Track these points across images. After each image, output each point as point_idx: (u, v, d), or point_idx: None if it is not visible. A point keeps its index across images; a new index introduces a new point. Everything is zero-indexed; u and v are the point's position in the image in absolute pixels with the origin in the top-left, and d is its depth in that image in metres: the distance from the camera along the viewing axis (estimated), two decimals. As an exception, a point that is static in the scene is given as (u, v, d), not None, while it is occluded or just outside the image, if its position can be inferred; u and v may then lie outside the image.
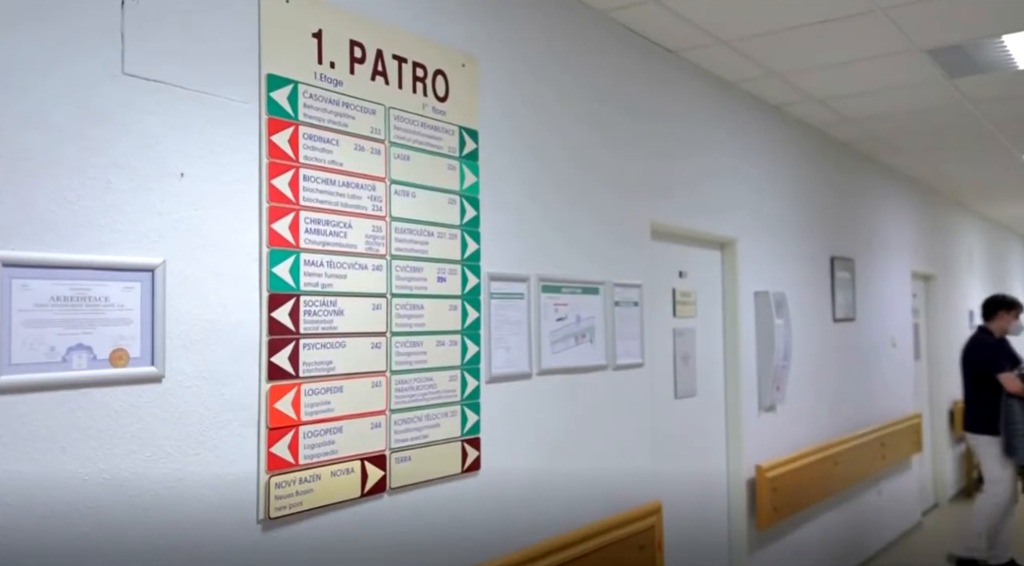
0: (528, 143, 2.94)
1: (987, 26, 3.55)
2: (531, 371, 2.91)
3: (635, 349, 3.48)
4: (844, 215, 5.78)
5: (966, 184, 7.60)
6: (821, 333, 5.29)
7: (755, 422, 4.43)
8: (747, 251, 4.44)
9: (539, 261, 2.97)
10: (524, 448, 2.86)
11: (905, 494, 6.64)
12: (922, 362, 7.51)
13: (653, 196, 3.65)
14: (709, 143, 4.14)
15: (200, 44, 1.91)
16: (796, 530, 4.80)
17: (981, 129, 5.42)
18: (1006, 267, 10.74)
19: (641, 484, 3.45)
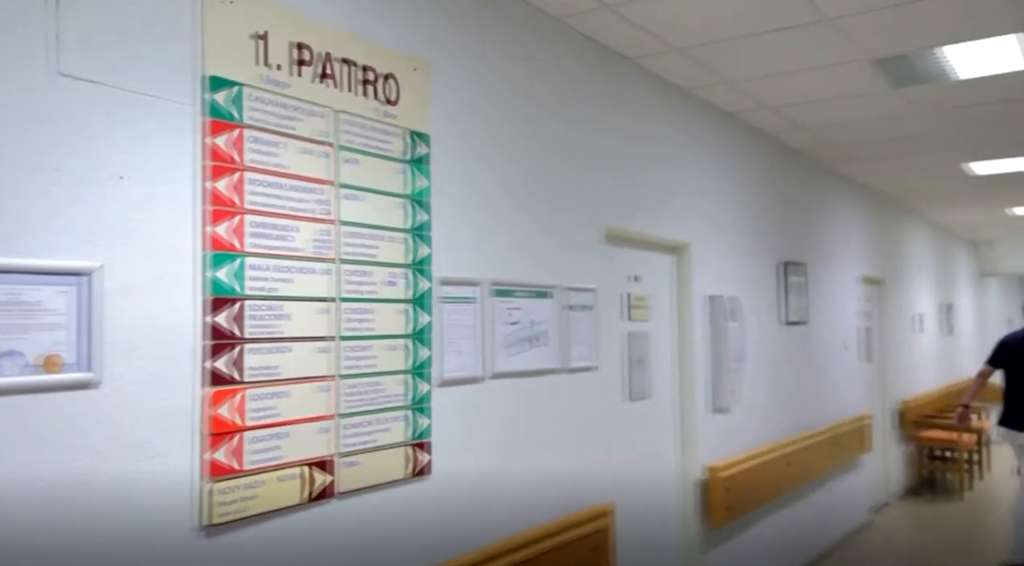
0: (481, 147, 2.94)
1: (927, 38, 3.64)
2: (483, 375, 2.92)
3: (588, 352, 3.50)
4: (797, 221, 5.87)
5: (914, 191, 7.77)
6: (773, 336, 5.37)
7: (708, 423, 4.48)
8: (701, 256, 4.49)
9: (491, 265, 2.98)
10: (476, 451, 2.87)
11: (855, 493, 6.77)
12: (872, 364, 7.66)
13: (607, 201, 3.68)
14: (664, 149, 4.18)
15: (139, 45, 1.88)
16: (749, 529, 4.87)
17: (927, 138, 5.55)
18: (953, 271, 11.00)
19: (594, 486, 3.47)
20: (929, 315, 9.54)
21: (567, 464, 3.33)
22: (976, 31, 3.57)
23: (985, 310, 12.85)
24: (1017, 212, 9.16)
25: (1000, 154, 6.10)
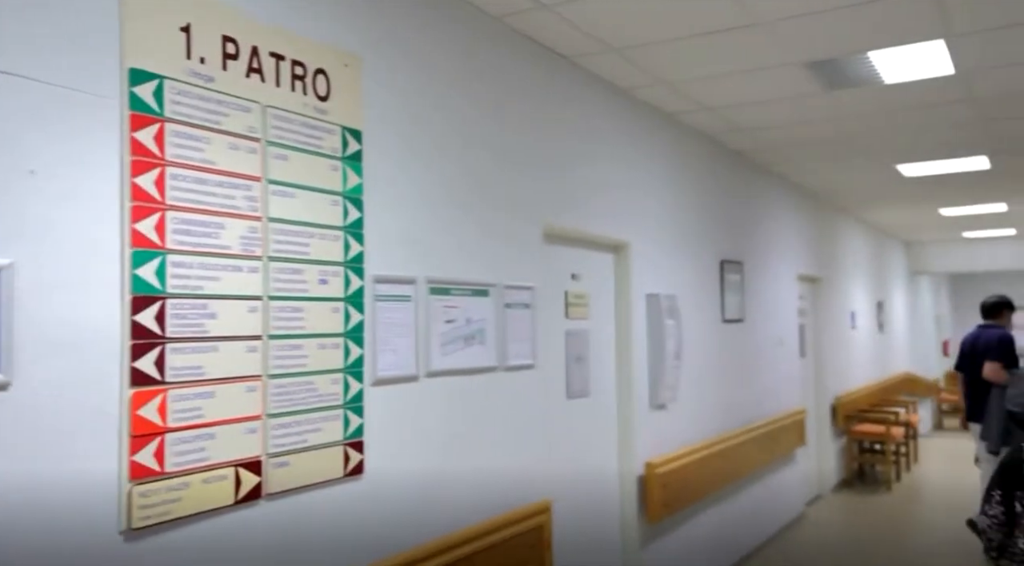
0: (416, 145, 2.92)
1: (855, 42, 3.74)
2: (419, 373, 2.90)
3: (526, 350, 3.51)
4: (735, 220, 5.97)
5: (849, 191, 7.97)
6: (711, 333, 5.46)
7: (646, 420, 4.53)
8: (640, 254, 4.54)
9: (427, 263, 2.97)
10: (411, 450, 2.85)
11: (790, 486, 6.92)
12: (808, 360, 7.84)
13: (546, 200, 3.69)
14: (603, 148, 4.21)
15: (56, 35, 1.82)
16: (687, 523, 4.94)
17: (859, 140, 5.69)
18: (886, 270, 11.32)
19: (531, 483, 3.48)
20: (863, 312, 9.80)
21: (505, 462, 3.33)
22: (902, 37, 3.67)
23: (916, 308, 13.25)
24: (946, 213, 9.46)
25: (929, 157, 6.29)
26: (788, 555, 6.03)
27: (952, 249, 12.71)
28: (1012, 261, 12.35)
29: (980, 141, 5.75)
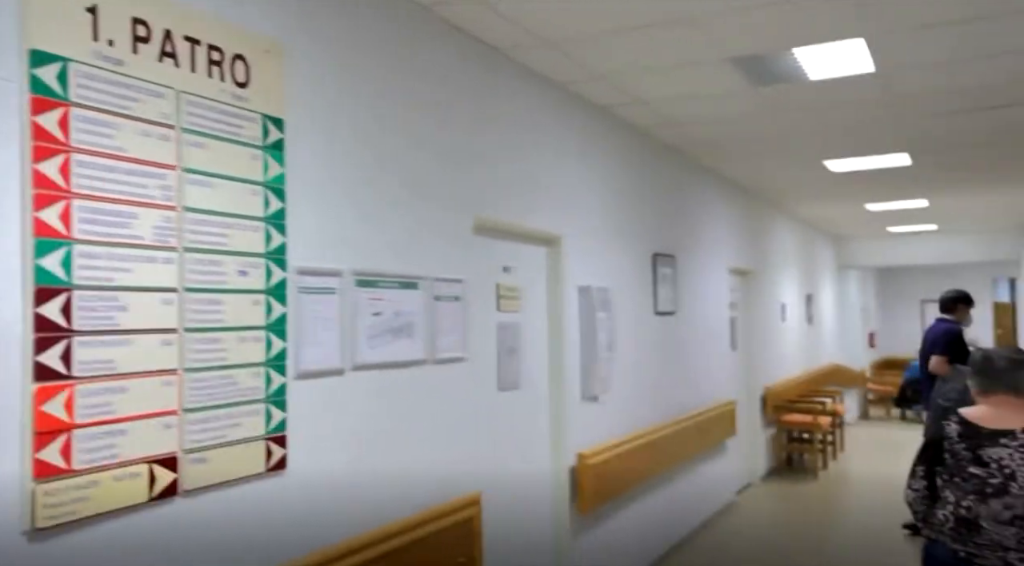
0: (343, 135, 2.88)
1: (780, 39, 3.81)
2: (345, 367, 2.87)
3: (456, 343, 3.49)
4: (667, 214, 6.05)
5: (779, 186, 8.14)
6: (644, 326, 5.52)
7: (578, 412, 4.56)
8: (573, 247, 4.56)
9: (354, 255, 2.93)
10: (337, 444, 2.81)
11: (721, 475, 7.06)
12: (738, 352, 7.99)
13: (477, 192, 3.68)
14: (536, 142, 4.21)
15: (-48, 14, 1.74)
16: (619, 513, 5.00)
17: (787, 136, 5.81)
18: (815, 264, 11.61)
19: (461, 476, 3.47)
20: (792, 305, 10.03)
21: (434, 455, 3.31)
22: (824, 34, 3.75)
23: (844, 301, 13.63)
24: (872, 208, 9.74)
25: (854, 153, 6.46)
26: (718, 542, 6.15)
27: (878, 244, 13.11)
28: (934, 256, 12.79)
29: (901, 138, 5.93)
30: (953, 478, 2.71)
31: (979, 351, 2.91)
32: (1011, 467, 2.59)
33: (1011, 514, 2.56)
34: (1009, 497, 2.57)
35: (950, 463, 2.73)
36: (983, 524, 2.61)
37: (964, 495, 2.66)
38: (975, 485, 2.64)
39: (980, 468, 2.65)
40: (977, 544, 2.61)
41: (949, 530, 2.69)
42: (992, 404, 2.76)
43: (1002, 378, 2.75)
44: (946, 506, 2.72)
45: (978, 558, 2.61)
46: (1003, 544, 2.57)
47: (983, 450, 2.65)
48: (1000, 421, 2.68)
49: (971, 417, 2.74)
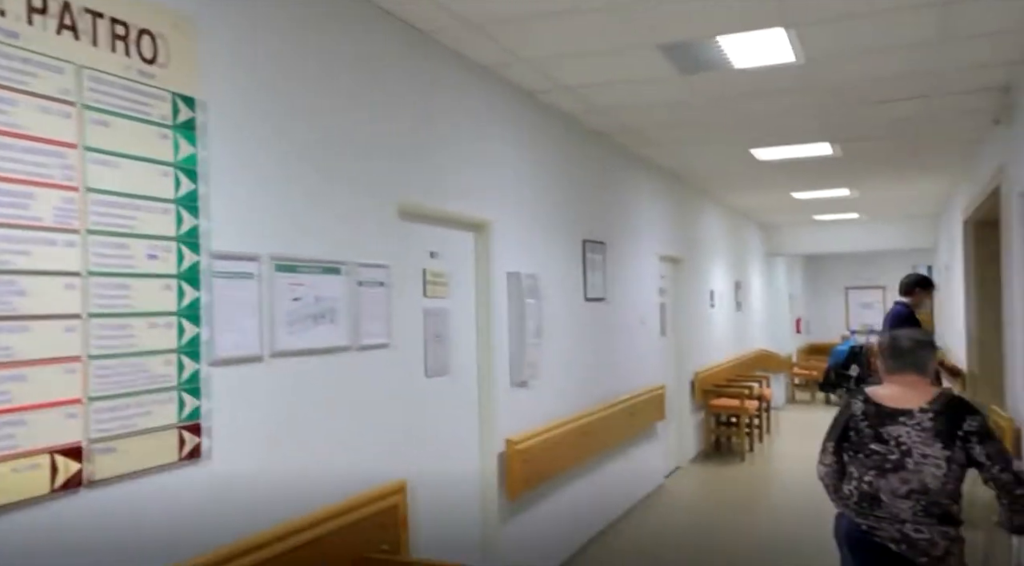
0: (261, 115, 2.81)
1: (704, 27, 3.85)
2: (263, 353, 2.81)
3: (381, 329, 3.45)
4: (597, 200, 6.09)
5: (708, 174, 8.27)
6: (574, 312, 5.55)
7: (507, 398, 4.56)
8: (501, 233, 4.55)
9: (272, 240, 2.86)
10: (257, 432, 2.76)
11: (651, 459, 7.17)
12: (668, 338, 8.11)
13: (401, 177, 3.64)
14: (462, 126, 4.18)
15: None
16: (549, 497, 5.03)
17: (714, 124, 5.90)
18: (745, 251, 11.86)
19: (386, 463, 3.44)
20: (722, 292, 10.23)
21: (358, 442, 3.28)
22: (747, 23, 3.81)
23: (772, 287, 13.95)
24: (798, 197, 9.97)
25: (779, 142, 6.59)
26: (646, 524, 6.25)
27: (805, 232, 13.44)
28: (857, 243, 13.18)
29: (824, 128, 6.07)
30: (857, 454, 2.84)
31: (887, 334, 3.04)
32: (908, 444, 2.73)
33: (907, 488, 2.70)
34: (906, 472, 2.71)
35: (855, 440, 2.86)
36: (883, 498, 2.74)
37: (866, 471, 2.80)
38: (876, 461, 2.78)
39: (880, 445, 2.78)
40: (877, 517, 2.75)
41: (854, 504, 2.83)
42: (898, 383, 2.88)
43: (907, 358, 2.88)
44: (851, 481, 2.85)
45: (878, 530, 2.74)
46: (900, 517, 2.70)
47: (884, 428, 2.79)
48: (902, 400, 2.81)
49: (876, 396, 2.87)
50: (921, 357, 2.87)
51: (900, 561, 2.68)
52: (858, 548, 2.79)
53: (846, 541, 2.85)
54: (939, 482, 2.68)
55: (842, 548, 2.90)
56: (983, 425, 2.72)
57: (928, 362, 2.88)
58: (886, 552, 2.70)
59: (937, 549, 2.65)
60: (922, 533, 2.67)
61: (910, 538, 2.67)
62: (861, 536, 2.77)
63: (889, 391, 2.88)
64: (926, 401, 2.78)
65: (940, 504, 2.68)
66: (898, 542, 2.69)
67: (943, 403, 2.76)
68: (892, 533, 2.71)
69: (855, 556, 2.82)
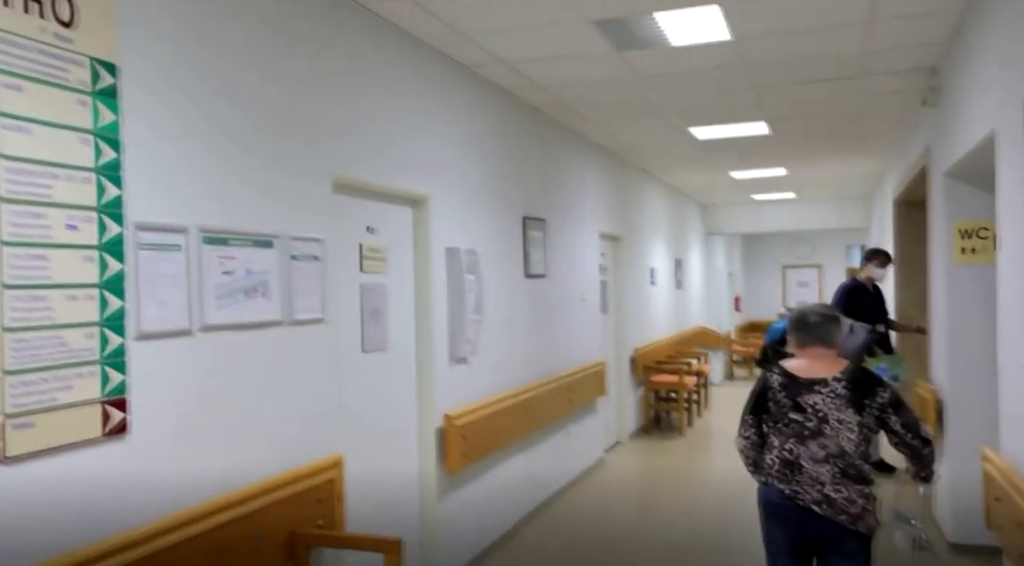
0: (187, 84, 2.74)
1: (640, 3, 3.87)
2: (192, 327, 2.76)
3: (315, 304, 3.42)
4: (537, 177, 6.10)
5: (648, 153, 8.35)
6: (514, 288, 5.57)
7: (446, 373, 4.57)
8: (440, 208, 4.53)
9: (201, 211, 2.81)
10: (187, 407, 2.72)
11: (591, 434, 7.26)
12: (609, 315, 8.21)
13: (335, 149, 3.59)
14: (399, 99, 4.14)
15: None
16: (488, 472, 5.06)
17: (651, 102, 5.95)
18: (685, 230, 12.02)
19: (322, 439, 3.42)
20: (662, 270, 10.37)
21: (292, 417, 3.25)
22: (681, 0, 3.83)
23: (711, 266, 14.19)
24: (736, 176, 10.14)
25: (716, 120, 6.68)
26: (585, 498, 6.35)
27: (743, 211, 13.68)
28: (793, 223, 13.47)
29: (759, 107, 6.17)
30: (777, 424, 2.96)
31: (795, 310, 3.16)
32: (824, 411, 2.86)
33: (825, 453, 2.85)
34: (824, 438, 2.85)
35: (774, 411, 2.97)
36: (803, 463, 2.87)
37: (787, 439, 2.92)
38: (795, 429, 2.91)
39: (799, 414, 2.90)
40: (799, 482, 2.87)
41: (776, 472, 2.94)
42: (808, 356, 3.01)
43: (814, 332, 3.00)
44: (772, 451, 2.98)
45: (800, 494, 2.86)
46: (819, 479, 2.84)
47: (801, 397, 2.91)
48: (814, 371, 2.94)
49: (791, 369, 3.00)
50: (827, 331, 2.99)
51: (822, 522, 2.82)
52: (782, 513, 2.91)
53: (771, 508, 2.96)
54: (853, 445, 2.83)
55: (765, 517, 3.01)
56: (895, 396, 2.88)
57: (834, 335, 3.01)
58: (810, 514, 2.83)
59: (855, 507, 2.80)
60: (841, 493, 2.81)
61: (831, 499, 2.81)
62: (784, 501, 2.89)
63: (801, 363, 3.00)
64: (838, 371, 2.91)
65: (855, 466, 2.83)
66: (820, 504, 2.82)
67: (853, 374, 2.91)
68: (814, 495, 2.83)
69: (780, 521, 2.93)
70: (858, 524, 2.80)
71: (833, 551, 2.86)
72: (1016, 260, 3.12)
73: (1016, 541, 2.91)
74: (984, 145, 3.68)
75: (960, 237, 4.85)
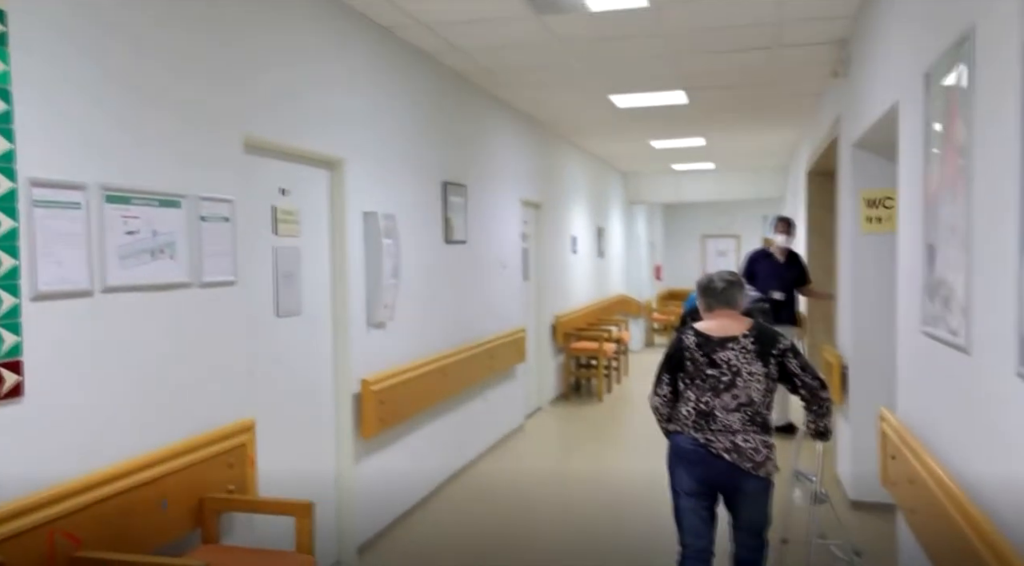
0: (86, 34, 2.61)
1: (561, -35, 3.86)
2: (94, 288, 2.66)
3: (226, 266, 3.34)
4: (458, 143, 6.05)
5: (569, 120, 8.37)
6: (432, 254, 5.54)
7: (363, 338, 4.53)
8: (356, 172, 4.46)
9: (102, 168, 2.69)
10: (88, 369, 2.63)
11: (511, 400, 7.33)
12: (530, 282, 8.26)
13: (246, 109, 3.49)
14: (313, 60, 4.04)
15: None
16: (406, 438, 5.07)
17: (572, 68, 5.95)
18: (607, 199, 12.14)
19: (233, 403, 3.36)
20: (584, 238, 10.46)
21: (203, 381, 3.18)
22: (600, -36, 3.83)
23: (632, 235, 14.39)
24: (656, 145, 10.26)
25: (635, 89, 6.74)
26: (504, 463, 6.42)
27: (663, 180, 13.89)
28: (713, 193, 13.75)
29: (677, 76, 6.24)
30: (695, 380, 3.23)
31: (702, 277, 3.45)
32: (737, 365, 3.17)
33: (737, 402, 3.15)
34: (736, 389, 3.15)
35: (690, 369, 3.25)
36: (717, 414, 3.16)
37: (703, 393, 3.20)
38: (712, 383, 3.19)
39: (715, 369, 3.19)
40: (713, 430, 3.16)
41: (692, 422, 3.21)
42: (717, 317, 3.32)
43: (720, 297, 3.32)
44: (688, 403, 3.24)
45: (714, 442, 3.15)
46: (732, 428, 3.14)
47: (716, 354, 3.20)
48: (725, 330, 3.24)
49: (703, 329, 3.28)
50: (731, 295, 3.31)
51: (730, 468, 3.12)
52: (694, 459, 3.17)
53: (683, 455, 3.20)
54: (760, 394, 3.16)
55: (676, 463, 3.24)
56: (792, 345, 3.23)
57: (737, 298, 3.32)
58: (719, 460, 3.12)
59: (759, 455, 3.12)
60: (749, 442, 3.12)
61: (739, 447, 3.12)
62: (697, 448, 3.16)
63: (712, 324, 3.29)
64: (746, 329, 3.22)
65: (761, 414, 3.17)
66: (730, 451, 3.12)
67: (757, 330, 3.22)
68: (725, 443, 3.13)
69: (690, 466, 3.19)
70: (760, 470, 3.12)
71: (738, 492, 3.16)
72: (913, 228, 3.26)
73: (909, 496, 3.07)
74: (889, 116, 3.81)
75: (866, 206, 5.03)
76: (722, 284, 3.32)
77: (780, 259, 7.05)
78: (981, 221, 2.27)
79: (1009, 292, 1.99)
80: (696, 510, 3.19)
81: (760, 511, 3.20)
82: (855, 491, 5.08)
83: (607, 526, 4.92)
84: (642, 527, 4.88)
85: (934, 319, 2.87)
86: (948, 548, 2.43)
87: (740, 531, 3.23)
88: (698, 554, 3.20)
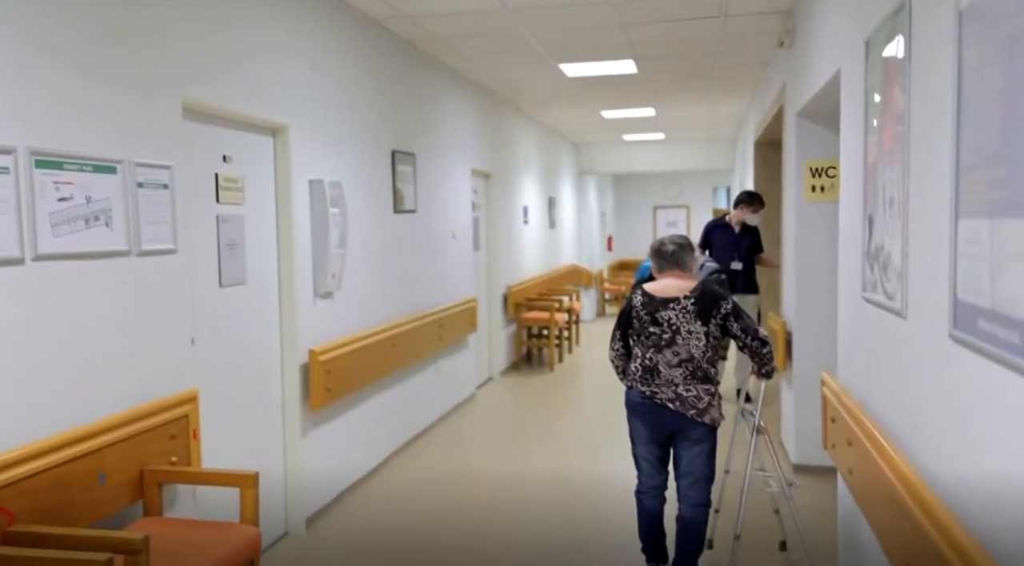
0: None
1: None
2: (24, 256, 2.57)
3: (165, 234, 3.26)
4: (407, 111, 5.97)
5: (520, 90, 8.31)
6: (381, 223, 5.48)
7: (310, 309, 4.48)
8: (301, 139, 4.37)
9: (31, 132, 2.60)
10: (19, 339, 2.55)
11: (462, 370, 7.33)
12: (481, 252, 8.24)
13: (185, 72, 3.38)
14: (256, 24, 3.93)
15: None
16: (355, 408, 5.04)
17: (521, 36, 5.90)
18: (558, 169, 12.14)
19: (175, 374, 3.30)
20: (535, 208, 10.46)
21: (140, 351, 3.11)
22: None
23: (584, 205, 14.44)
24: (607, 115, 10.27)
25: (585, 58, 6.71)
26: (456, 432, 6.45)
27: (614, 151, 13.92)
28: (663, 164, 13.83)
29: (627, 45, 6.23)
30: (640, 337, 3.49)
31: (657, 239, 3.65)
32: (677, 324, 3.41)
33: (678, 359, 3.40)
34: (676, 347, 3.40)
35: (636, 326, 3.50)
36: (660, 369, 3.42)
37: (647, 349, 3.45)
38: (654, 341, 3.44)
39: (656, 327, 3.43)
40: (657, 384, 3.43)
41: (639, 377, 3.47)
42: (665, 278, 3.54)
43: (670, 259, 3.55)
44: (636, 360, 3.50)
45: (658, 394, 3.42)
46: (674, 381, 3.41)
47: (658, 313, 3.44)
48: (669, 291, 3.47)
49: (650, 290, 3.50)
50: (680, 257, 3.54)
51: (675, 415, 3.39)
52: (643, 410, 3.46)
53: (633, 407, 3.50)
54: (700, 351, 3.39)
55: (630, 414, 3.54)
56: (735, 306, 3.45)
57: (686, 261, 3.54)
58: (664, 409, 3.40)
59: (701, 402, 3.38)
60: (691, 392, 3.38)
61: (682, 396, 3.38)
62: (644, 400, 3.44)
63: (658, 285, 3.52)
64: (688, 291, 3.44)
65: (702, 368, 3.40)
66: (673, 401, 3.39)
67: (700, 292, 3.44)
68: (669, 394, 3.40)
69: (641, 417, 3.48)
70: (703, 416, 3.37)
71: (684, 439, 3.42)
72: (854, 196, 3.31)
73: (847, 457, 3.15)
74: (832, 84, 3.85)
75: (810, 175, 5.10)
76: (672, 247, 3.54)
77: (736, 229, 7.14)
78: (917, 189, 2.31)
79: (943, 257, 2.04)
80: (648, 456, 3.54)
81: (702, 460, 3.41)
82: (798, 455, 5.21)
83: (557, 493, 4.98)
84: (591, 491, 4.95)
85: (873, 285, 2.93)
86: (880, 503, 2.50)
87: (683, 479, 3.45)
88: (651, 490, 3.57)
